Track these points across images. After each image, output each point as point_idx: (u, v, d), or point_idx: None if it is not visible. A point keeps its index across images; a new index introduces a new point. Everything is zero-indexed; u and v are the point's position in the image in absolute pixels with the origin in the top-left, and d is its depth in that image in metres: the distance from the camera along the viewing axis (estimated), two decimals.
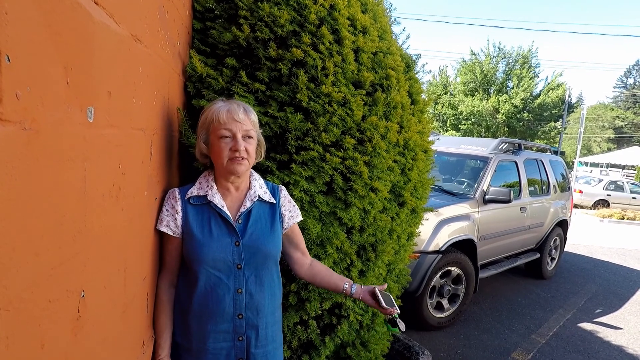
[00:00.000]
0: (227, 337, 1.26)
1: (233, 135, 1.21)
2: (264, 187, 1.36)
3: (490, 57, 24.00)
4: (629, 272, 6.40)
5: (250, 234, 1.27)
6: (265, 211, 1.34)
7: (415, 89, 2.36)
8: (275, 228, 1.33)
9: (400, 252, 2.32)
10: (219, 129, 1.21)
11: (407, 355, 3.00)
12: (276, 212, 1.36)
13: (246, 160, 1.23)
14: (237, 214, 1.28)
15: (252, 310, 1.28)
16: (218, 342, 1.26)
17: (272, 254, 1.32)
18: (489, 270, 4.42)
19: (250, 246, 1.26)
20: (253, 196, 1.31)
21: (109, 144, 0.86)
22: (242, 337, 1.27)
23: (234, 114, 1.21)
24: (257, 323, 1.29)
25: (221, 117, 1.21)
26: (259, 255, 1.28)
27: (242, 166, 1.22)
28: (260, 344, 1.30)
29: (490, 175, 4.27)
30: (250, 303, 1.27)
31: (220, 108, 1.23)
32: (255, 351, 1.29)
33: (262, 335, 1.30)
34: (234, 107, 1.23)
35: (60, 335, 0.69)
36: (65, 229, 0.68)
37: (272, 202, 1.36)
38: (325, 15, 1.70)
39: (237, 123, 1.21)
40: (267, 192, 1.36)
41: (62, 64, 0.64)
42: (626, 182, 15.62)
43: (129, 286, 1.03)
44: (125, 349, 1.03)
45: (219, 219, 1.26)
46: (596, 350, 3.62)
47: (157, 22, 1.19)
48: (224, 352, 1.27)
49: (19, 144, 0.55)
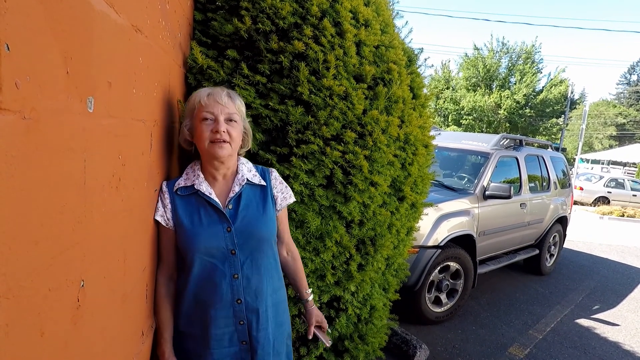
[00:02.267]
0: (228, 322, 1.27)
1: (215, 118, 1.20)
2: (252, 170, 1.36)
3: (494, 52, 23.85)
4: (628, 269, 6.42)
5: (242, 218, 1.27)
6: (256, 194, 1.33)
7: (417, 84, 2.35)
8: (267, 210, 1.32)
9: (400, 246, 2.32)
10: (201, 111, 1.21)
11: (405, 348, 3.03)
12: (268, 194, 1.35)
13: (228, 143, 1.22)
14: (227, 200, 1.28)
15: (251, 295, 1.28)
16: (220, 328, 1.27)
17: (266, 237, 1.31)
18: (488, 265, 4.43)
19: (243, 231, 1.26)
20: (241, 180, 1.30)
21: (109, 135, 0.86)
22: (243, 321, 1.28)
23: (216, 97, 1.21)
24: (257, 306, 1.29)
25: (202, 100, 1.22)
26: (253, 239, 1.27)
27: (223, 150, 1.21)
28: (262, 327, 1.30)
29: (490, 171, 4.27)
30: (248, 287, 1.27)
31: (202, 92, 1.24)
32: (257, 334, 1.30)
33: (264, 318, 1.31)
34: (217, 90, 1.24)
35: (60, 324, 0.70)
36: (65, 219, 0.69)
37: (263, 185, 1.35)
38: (327, 7, 1.69)
39: (219, 105, 1.21)
40: (257, 175, 1.35)
41: (61, 53, 0.64)
42: (627, 180, 15.59)
43: (129, 276, 1.04)
44: (124, 339, 1.04)
45: (208, 207, 1.25)
46: (593, 347, 3.64)
47: (157, 13, 1.18)
48: (227, 337, 1.28)
49: (18, 133, 0.55)
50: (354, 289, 1.96)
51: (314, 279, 1.80)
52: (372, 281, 2.12)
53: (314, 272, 1.79)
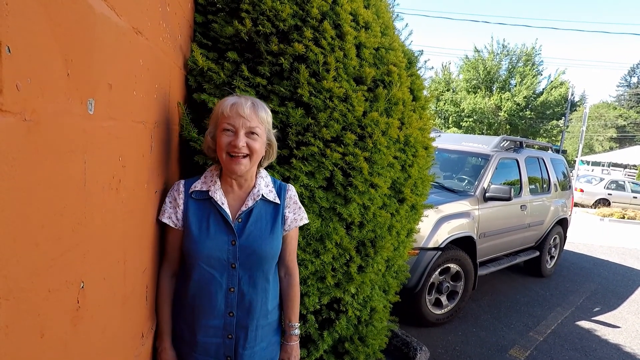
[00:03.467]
0: (217, 332, 1.26)
1: (235, 130, 1.17)
2: (270, 185, 1.32)
3: (494, 54, 23.88)
4: (628, 271, 6.40)
5: (248, 234, 1.25)
6: (267, 211, 1.30)
7: (417, 86, 2.35)
8: (275, 230, 1.30)
9: (400, 248, 2.32)
10: (223, 122, 1.19)
11: (405, 350, 3.02)
12: (279, 213, 1.31)
13: (247, 158, 1.19)
14: (238, 213, 1.26)
15: (243, 310, 1.26)
16: (208, 337, 1.26)
17: (269, 257, 1.29)
18: (488, 267, 4.43)
19: (247, 247, 1.24)
20: (256, 195, 1.27)
21: (109, 136, 0.86)
22: (232, 335, 1.27)
23: (238, 108, 1.17)
24: (247, 324, 1.27)
25: (225, 111, 1.18)
26: (254, 256, 1.25)
27: (240, 166, 1.19)
28: (249, 345, 1.28)
29: (491, 172, 4.27)
30: (242, 303, 1.26)
31: (227, 101, 1.20)
32: (243, 352, 1.28)
33: (252, 336, 1.28)
34: (241, 101, 1.19)
35: (60, 325, 0.70)
36: (65, 220, 0.69)
37: (277, 203, 1.32)
38: (327, 10, 1.69)
39: (241, 118, 1.17)
40: (273, 192, 1.32)
41: (62, 55, 0.65)
42: (627, 182, 15.58)
43: (129, 278, 1.04)
44: (124, 340, 1.04)
45: (218, 216, 1.24)
46: (593, 349, 3.63)
47: (158, 15, 1.19)
48: (213, 348, 1.27)
49: (19, 135, 0.55)
50: (354, 291, 1.96)
51: (314, 280, 1.79)
52: (372, 283, 2.12)
53: (314, 274, 1.79)
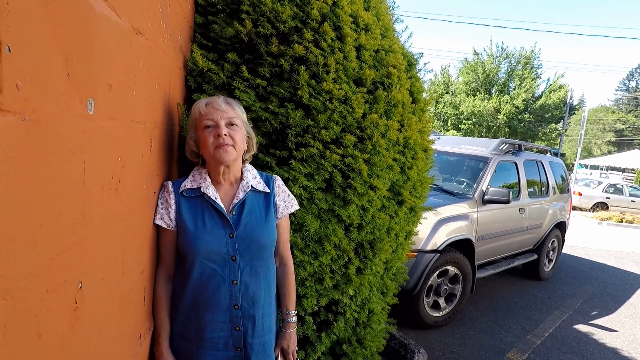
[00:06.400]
0: (224, 327, 1.27)
1: (216, 123, 1.23)
2: (257, 177, 1.37)
3: (493, 57, 23.96)
4: (626, 275, 6.41)
5: (245, 225, 1.28)
6: (259, 201, 1.34)
7: (416, 88, 2.35)
8: (269, 218, 1.34)
9: (398, 250, 2.32)
10: (202, 120, 1.24)
11: (403, 353, 3.02)
12: (271, 202, 1.36)
13: (232, 147, 1.24)
14: (231, 206, 1.29)
15: (248, 301, 1.29)
16: (215, 332, 1.27)
17: (267, 245, 1.32)
18: (487, 270, 4.43)
19: (245, 237, 1.27)
20: (246, 187, 1.31)
21: (108, 137, 0.86)
22: (239, 327, 1.28)
23: (214, 104, 1.25)
24: (254, 313, 1.30)
25: (202, 110, 1.25)
26: (254, 246, 1.28)
27: (228, 153, 1.23)
28: (257, 334, 1.31)
29: (489, 175, 4.28)
30: (246, 294, 1.28)
31: (201, 102, 1.28)
32: (252, 341, 1.30)
33: (259, 325, 1.31)
34: (214, 98, 1.27)
35: (57, 326, 0.69)
36: (63, 220, 0.68)
37: (267, 192, 1.36)
38: (327, 11, 1.69)
39: (218, 111, 1.24)
40: (261, 182, 1.36)
41: (62, 55, 0.64)
42: (626, 185, 15.61)
43: (127, 278, 1.03)
44: (121, 341, 1.04)
45: (212, 211, 1.27)
46: (591, 352, 3.63)
47: (158, 15, 1.19)
48: (222, 341, 1.28)
49: (19, 135, 0.55)
50: (352, 293, 1.96)
51: (312, 282, 1.79)
52: (370, 285, 2.12)
53: (313, 275, 1.79)
